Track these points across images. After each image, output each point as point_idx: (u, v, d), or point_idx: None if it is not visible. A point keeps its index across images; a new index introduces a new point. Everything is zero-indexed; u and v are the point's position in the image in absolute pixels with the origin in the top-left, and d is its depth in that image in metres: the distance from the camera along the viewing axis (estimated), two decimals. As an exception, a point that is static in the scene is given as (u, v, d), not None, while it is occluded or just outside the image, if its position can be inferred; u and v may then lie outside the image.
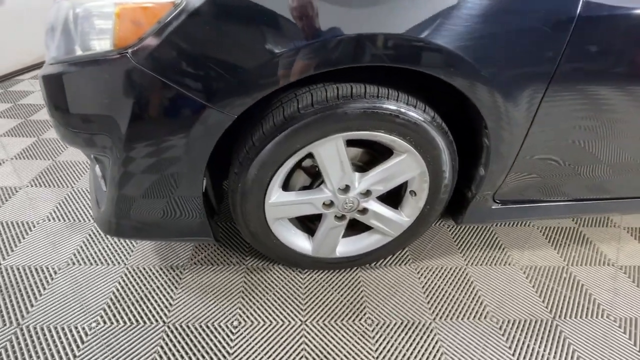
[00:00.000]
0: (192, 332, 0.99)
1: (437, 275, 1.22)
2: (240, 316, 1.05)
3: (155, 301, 1.07)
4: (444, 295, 1.15)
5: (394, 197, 1.10)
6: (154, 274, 1.15)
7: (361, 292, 1.15)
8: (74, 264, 1.16)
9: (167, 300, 1.07)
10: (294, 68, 0.68)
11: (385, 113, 0.80)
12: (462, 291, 1.17)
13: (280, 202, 0.95)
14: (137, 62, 0.68)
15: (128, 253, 1.21)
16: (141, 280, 1.13)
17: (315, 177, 1.00)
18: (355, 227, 1.15)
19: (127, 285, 1.11)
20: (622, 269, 1.30)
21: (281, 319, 1.04)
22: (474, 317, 1.09)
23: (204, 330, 1.00)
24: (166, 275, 1.15)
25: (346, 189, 0.96)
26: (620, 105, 0.85)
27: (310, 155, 0.89)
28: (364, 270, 1.22)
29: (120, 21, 0.66)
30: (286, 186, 1.01)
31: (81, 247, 1.22)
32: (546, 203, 1.15)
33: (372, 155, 1.01)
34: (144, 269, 1.17)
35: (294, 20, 0.65)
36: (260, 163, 0.84)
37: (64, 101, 0.76)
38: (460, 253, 1.32)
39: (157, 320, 1.01)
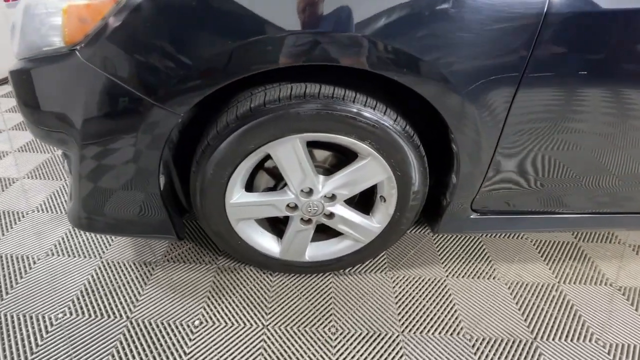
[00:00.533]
0: (153, 329, 1.00)
1: (413, 285, 1.17)
2: (203, 316, 1.04)
3: (123, 295, 1.08)
4: (417, 307, 1.10)
5: (366, 203, 1.06)
6: (127, 268, 1.17)
7: (330, 298, 1.11)
8: (53, 254, 1.20)
9: (134, 295, 1.08)
10: (233, 67, 0.66)
11: (340, 115, 0.77)
12: (437, 304, 1.11)
13: (242, 203, 0.94)
14: (85, 59, 0.68)
15: (106, 247, 1.24)
16: (113, 274, 1.14)
17: (279, 179, 0.98)
18: (328, 232, 1.12)
19: (99, 278, 1.13)
20: (621, 290, 1.20)
21: (243, 322, 1.03)
22: (446, 332, 1.03)
23: (165, 327, 1.00)
24: (138, 271, 1.16)
25: (310, 192, 0.94)
26: (600, 109, 0.78)
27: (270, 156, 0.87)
28: (336, 276, 1.18)
29: (68, 18, 0.67)
30: (251, 187, 1.00)
31: (63, 238, 1.26)
32: (532, 215, 1.08)
33: (340, 159, 0.98)
34: (119, 263, 1.18)
35: (234, 17, 0.63)
36: (215, 162, 0.83)
37: (28, 97, 0.78)
38: (442, 263, 1.26)
39: (121, 315, 1.02)
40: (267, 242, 1.08)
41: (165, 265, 1.19)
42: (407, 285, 1.17)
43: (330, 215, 1.00)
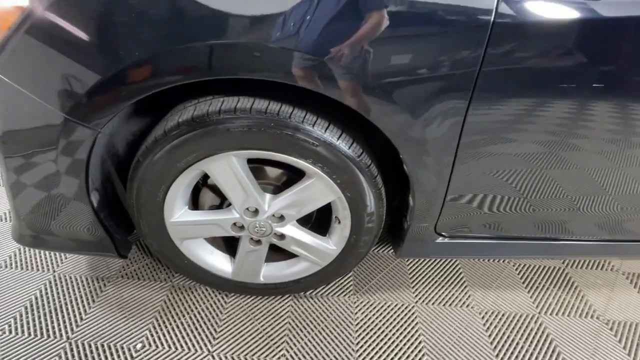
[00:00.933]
0: (91, 351, 0.94)
1: (377, 311, 1.08)
2: (147, 339, 0.98)
3: (68, 314, 1.03)
4: (378, 336, 1.01)
5: (324, 224, 0.99)
6: (78, 283, 1.12)
7: (285, 323, 1.04)
8: (6, 266, 1.17)
9: (79, 313, 1.03)
10: (140, 81, 0.61)
11: (275, 132, 0.71)
12: (401, 334, 1.02)
13: (184, 222, 0.88)
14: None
15: (62, 260, 1.20)
16: (62, 290, 1.10)
17: (224, 197, 0.92)
18: (285, 252, 1.05)
19: (47, 293, 1.09)
20: (609, 324, 1.08)
21: (188, 346, 0.97)
22: (407, 366, 0.95)
23: (104, 350, 0.95)
24: (89, 287, 1.11)
25: (256, 211, 0.88)
26: (559, 126, 0.70)
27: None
28: (296, 299, 1.11)
29: (-20, 27, 0.63)
30: (198, 204, 0.95)
31: (20, 250, 1.23)
32: (507, 241, 0.99)
33: (293, 177, 0.91)
34: (71, 277, 1.14)
35: (138, 30, 0.59)
36: (147, 180, 0.78)
37: None
38: (413, 288, 1.17)
39: (61, 335, 0.97)
40: (218, 262, 1.01)
41: (118, 281, 1.14)
42: (370, 312, 1.09)
43: (282, 237, 0.94)
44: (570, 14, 0.60)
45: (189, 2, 0.58)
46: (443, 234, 0.95)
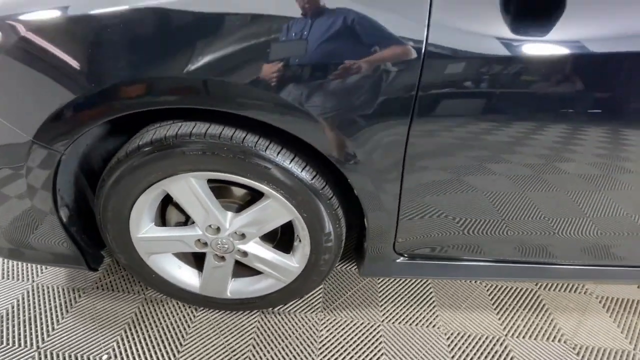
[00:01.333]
0: (59, 361, 0.98)
1: (343, 329, 1.09)
2: (114, 350, 1.01)
3: (41, 323, 1.07)
4: (340, 354, 1.02)
5: (289, 242, 1.02)
6: (54, 294, 1.16)
7: (250, 339, 1.06)
8: (-11, 275, 1.22)
9: (52, 323, 1.07)
10: (91, 111, 0.66)
11: (227, 155, 0.75)
12: (363, 351, 1.03)
13: (150, 237, 0.92)
14: None
15: (42, 271, 1.24)
16: (39, 300, 1.14)
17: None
18: (253, 268, 1.07)
19: (24, 303, 1.13)
20: (575, 349, 1.08)
21: (152, 359, 0.99)
22: (366, 386, 0.95)
23: (71, 361, 0.98)
24: (65, 297, 1.15)
25: (218, 229, 0.91)
26: (503, 150, 0.72)
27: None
28: (264, 315, 1.13)
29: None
30: (165, 220, 0.99)
31: (2, 259, 1.28)
32: (468, 262, 1.00)
33: (254, 197, 0.95)
34: (48, 288, 1.18)
35: (88, 65, 0.64)
36: (111, 198, 0.83)
37: None
38: (380, 306, 1.18)
39: (31, 344, 1.01)
40: (186, 276, 1.04)
41: (93, 292, 1.18)
42: (336, 330, 1.10)
43: (245, 254, 0.96)
44: (493, 48, 0.64)
45: (131, 40, 0.64)
46: (403, 254, 0.97)
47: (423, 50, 0.63)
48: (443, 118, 0.69)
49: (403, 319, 1.14)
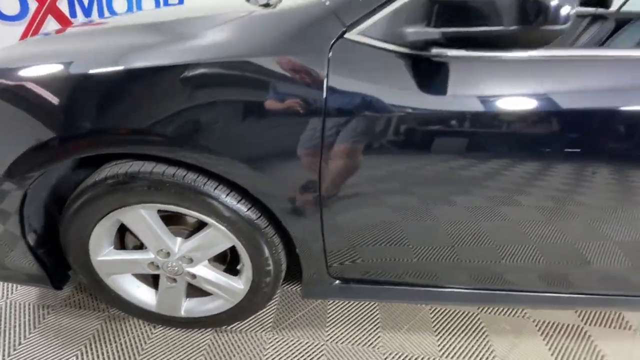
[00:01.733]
0: (21, 374, 1.06)
1: (288, 348, 1.17)
2: (73, 365, 1.10)
3: (8, 340, 1.15)
4: (282, 372, 1.10)
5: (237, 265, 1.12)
6: (25, 311, 1.25)
7: (200, 356, 1.14)
8: (-34, 292, 1.32)
9: (19, 340, 1.16)
10: (47, 156, 0.80)
11: (170, 190, 0.86)
12: (305, 370, 1.11)
13: (108, 260, 1.03)
14: None
15: (16, 288, 1.34)
16: (9, 317, 1.23)
17: (144, 239, 1.07)
18: (207, 288, 1.17)
19: (-4, 319, 1.22)
20: (505, 370, 1.15)
21: (107, 374, 1.07)
22: (301, 402, 1.03)
23: (32, 374, 1.06)
24: (34, 314, 1.24)
25: (168, 253, 1.02)
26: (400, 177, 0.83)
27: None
28: (216, 333, 1.21)
29: None
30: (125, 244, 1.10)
31: (-17, 277, 1.38)
32: (400, 287, 1.09)
33: (202, 224, 1.06)
34: (20, 304, 1.27)
35: (48, 112, 0.78)
36: (72, 225, 0.94)
37: None
38: (327, 327, 1.26)
39: (-3, 358, 1.10)
40: (143, 296, 1.14)
41: (62, 309, 1.27)
42: (281, 349, 1.18)
43: (194, 276, 1.07)
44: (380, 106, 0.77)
45: (69, 99, 0.78)
46: (337, 277, 1.07)
47: (323, 108, 0.76)
48: (347, 159, 0.81)
49: (346, 339, 1.22)
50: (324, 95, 0.75)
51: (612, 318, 1.35)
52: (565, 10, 0.58)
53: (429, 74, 0.76)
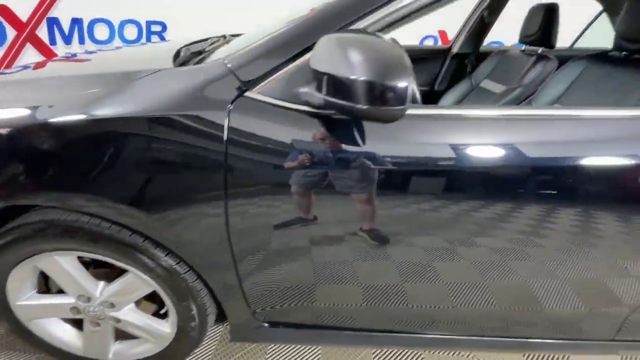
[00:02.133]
0: None
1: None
2: (-9, 413, 1.06)
3: None
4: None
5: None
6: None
7: (126, 403, 1.11)
8: None
9: (-60, 384, 1.12)
10: None
11: (82, 239, 0.87)
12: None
13: (28, 305, 1.01)
14: None
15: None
16: None
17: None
18: (138, 331, 1.15)
19: None
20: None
21: (25, 423, 1.04)
22: None
23: None
24: (-38, 356, 1.21)
25: (89, 298, 1.01)
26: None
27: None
28: (148, 377, 1.18)
29: None
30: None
31: None
32: (333, 330, 1.08)
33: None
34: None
35: None
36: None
37: None
38: (264, 369, 1.23)
39: None
40: (71, 339, 1.12)
41: (-7, 352, 1.24)
42: (213, 393, 1.15)
43: (118, 320, 1.05)
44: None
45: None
46: (264, 321, 1.06)
47: (224, 162, 0.78)
48: (253, 210, 0.82)
49: (282, 383, 1.19)
50: (225, 149, 0.77)
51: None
52: (401, 93, 0.63)
53: (328, 129, 0.79)
